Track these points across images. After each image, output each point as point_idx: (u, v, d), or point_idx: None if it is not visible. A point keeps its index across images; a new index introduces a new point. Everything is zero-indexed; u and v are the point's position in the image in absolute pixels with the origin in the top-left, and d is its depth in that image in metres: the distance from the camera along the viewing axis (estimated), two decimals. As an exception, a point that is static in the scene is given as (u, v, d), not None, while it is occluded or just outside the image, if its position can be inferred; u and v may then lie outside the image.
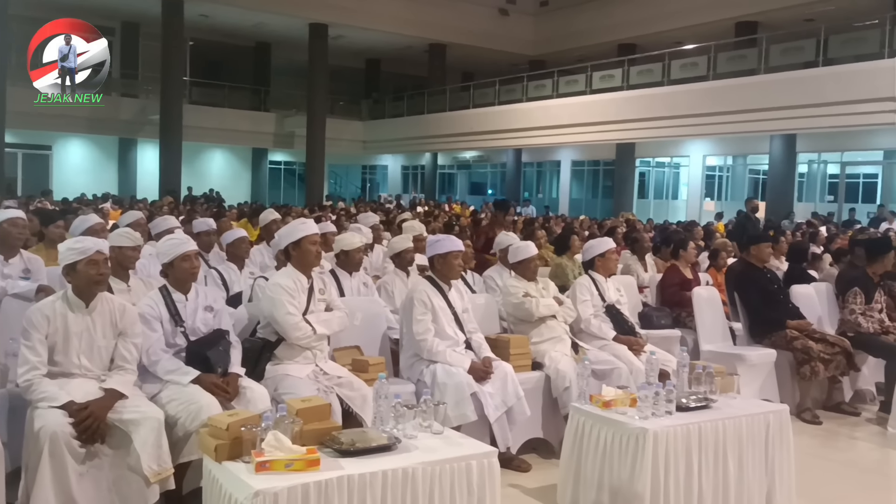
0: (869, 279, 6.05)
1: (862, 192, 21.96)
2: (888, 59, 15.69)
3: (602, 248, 5.40)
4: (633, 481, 3.51)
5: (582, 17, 26.10)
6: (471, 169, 33.28)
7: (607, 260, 5.38)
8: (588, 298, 5.23)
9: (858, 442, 5.39)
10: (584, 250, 5.52)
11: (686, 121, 19.73)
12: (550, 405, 4.71)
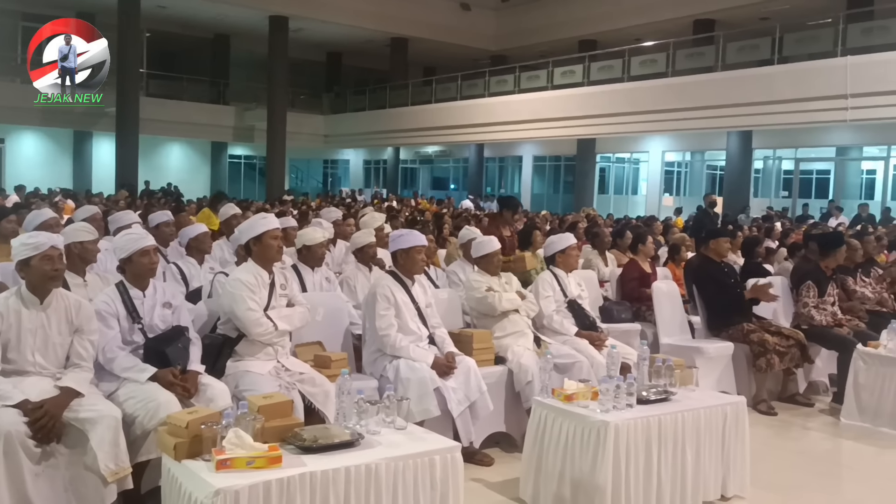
0: (822, 273, 6.19)
1: (815, 187, 22.48)
2: (840, 58, 16.05)
3: (563, 244, 5.43)
4: (595, 473, 3.55)
5: (543, 13, 26.22)
6: (433, 164, 33.27)
7: (568, 256, 5.43)
8: (550, 294, 5.27)
9: (811, 432, 5.53)
10: (545, 246, 5.56)
11: (645, 117, 19.97)
12: (513, 399, 4.74)
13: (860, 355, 5.48)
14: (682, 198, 23.27)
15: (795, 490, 4.37)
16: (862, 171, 22.18)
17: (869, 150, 20.75)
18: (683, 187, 24.16)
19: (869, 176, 21.87)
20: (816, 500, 4.27)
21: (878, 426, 5.34)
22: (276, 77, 25.75)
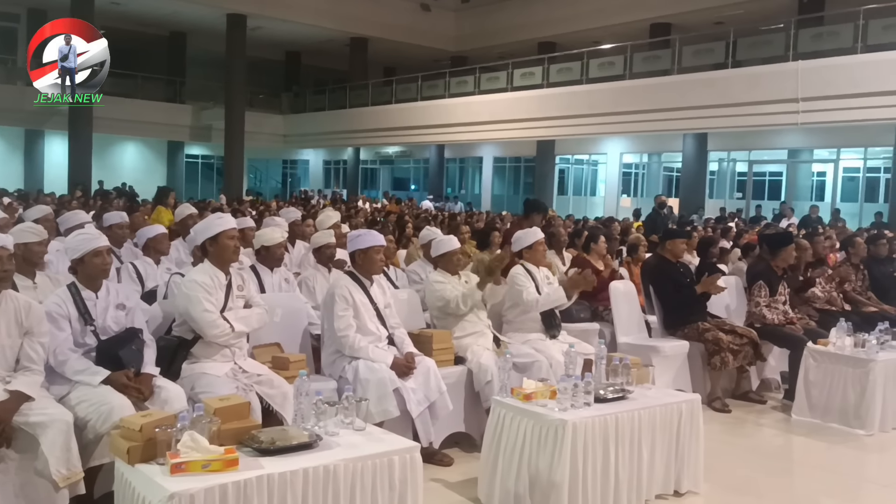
0: (773, 273, 6.33)
1: (768, 189, 22.98)
2: (791, 62, 16.44)
3: (531, 239, 5.45)
4: (552, 471, 3.58)
5: (503, 15, 26.36)
6: (394, 164, 33.21)
7: (535, 251, 5.45)
8: (529, 285, 5.27)
9: (764, 428, 5.64)
10: (513, 241, 5.57)
11: (603, 119, 20.20)
12: (472, 399, 4.75)
13: (810, 353, 5.62)
14: (640, 199, 23.60)
15: (747, 485, 4.46)
16: (813, 174, 22.74)
17: (819, 152, 21.30)
18: (641, 188, 24.50)
19: (819, 178, 22.42)
20: (768, 495, 4.35)
21: (828, 422, 5.48)
22: (234, 76, 25.45)
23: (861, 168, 20.37)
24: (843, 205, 19.58)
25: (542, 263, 5.58)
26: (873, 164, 20.07)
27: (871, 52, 15.47)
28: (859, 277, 7.42)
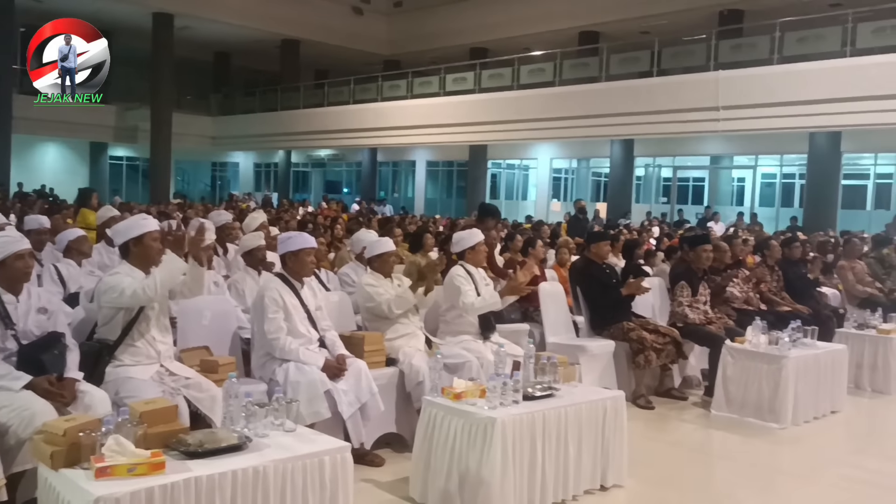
0: (694, 274, 6.58)
1: (691, 194, 23.75)
2: (713, 72, 17.06)
3: (472, 240, 5.50)
4: (482, 469, 3.65)
5: (435, 20, 26.51)
6: (326, 167, 32.97)
7: (477, 252, 5.52)
8: (470, 288, 5.32)
9: (685, 424, 5.85)
10: (454, 242, 5.62)
11: (534, 124, 20.53)
12: (404, 400, 4.79)
13: (728, 350, 5.85)
14: (569, 203, 24.05)
15: (670, 479, 4.62)
16: (733, 179, 23.61)
17: (739, 159, 22.11)
18: (570, 193, 24.97)
19: (739, 183, 23.29)
20: (689, 488, 4.52)
21: (745, 416, 5.71)
22: (161, 76, 24.86)
23: (777, 174, 21.24)
24: (760, 209, 20.40)
25: (482, 264, 5.66)
26: (789, 170, 20.95)
27: (787, 64, 16.19)
28: (774, 278, 7.76)
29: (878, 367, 6.77)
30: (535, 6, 23.05)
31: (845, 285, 8.94)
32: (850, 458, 5.24)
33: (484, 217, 7.68)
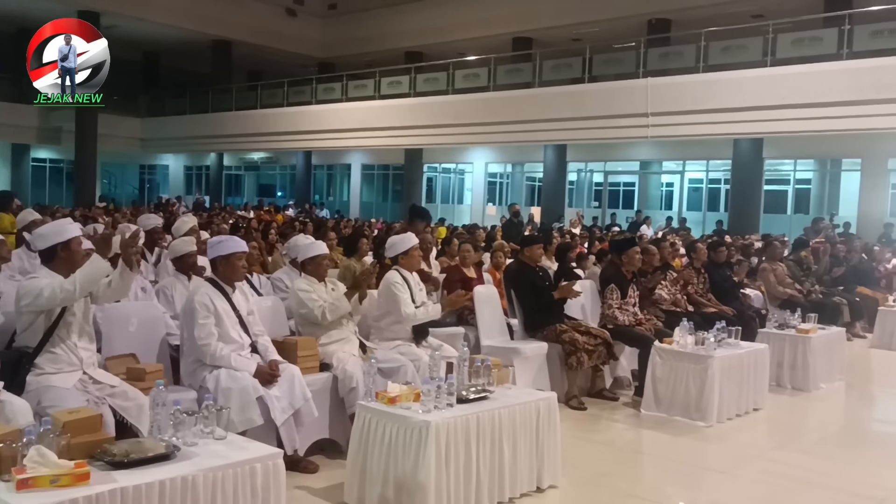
0: (623, 276, 6.73)
1: (622, 198, 24.29)
2: (642, 79, 17.49)
3: (407, 244, 5.50)
4: (417, 473, 3.64)
5: (370, 23, 26.46)
6: (259, 170, 32.50)
7: (412, 257, 5.51)
8: (407, 295, 5.30)
9: (616, 423, 5.97)
10: (388, 247, 5.60)
11: (468, 129, 20.68)
12: (338, 406, 4.75)
13: (657, 351, 6.00)
14: (504, 207, 24.29)
15: (602, 477, 4.71)
16: (662, 184, 24.24)
17: (667, 164, 22.73)
18: (505, 197, 25.23)
19: (668, 188, 23.94)
20: (621, 485, 4.61)
21: (673, 415, 5.86)
22: (86, 75, 24.06)
23: (704, 179, 21.91)
24: (688, 213, 21.01)
25: (417, 268, 5.65)
26: (714, 175, 21.63)
27: (712, 72, 16.74)
28: (701, 281, 8.00)
29: (797, 365, 7.04)
30: (470, 12, 23.25)
31: (767, 287, 9.28)
32: (771, 453, 5.44)
33: (414, 219, 7.67)
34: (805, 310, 7.74)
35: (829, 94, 14.74)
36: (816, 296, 9.52)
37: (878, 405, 7.51)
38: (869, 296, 10.36)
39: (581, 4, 20.92)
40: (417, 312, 5.21)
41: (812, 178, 20.94)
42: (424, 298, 5.49)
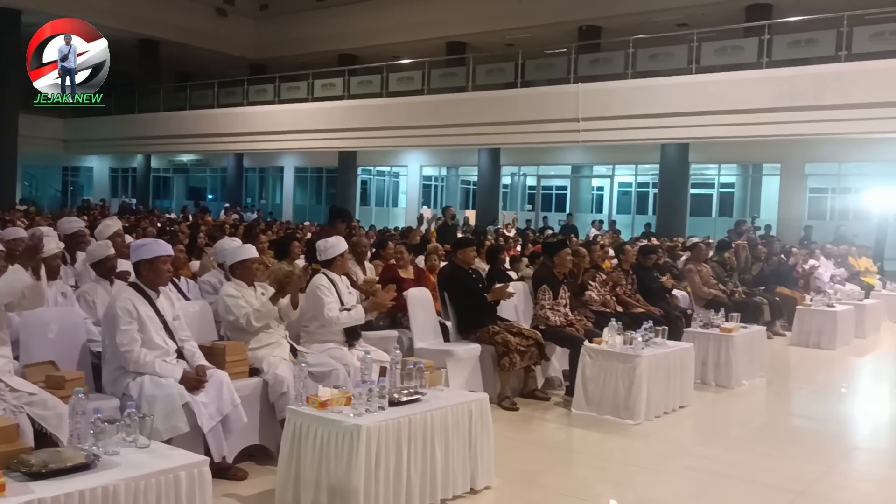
0: (555, 278, 6.83)
1: (555, 202, 24.65)
2: (573, 85, 17.81)
3: (339, 248, 5.46)
4: (349, 477, 3.62)
5: (303, 25, 26.20)
6: (189, 173, 31.78)
7: (345, 260, 5.48)
8: (332, 299, 5.25)
9: (548, 423, 6.05)
10: (320, 251, 5.55)
11: (403, 132, 20.69)
12: (268, 411, 4.68)
13: (586, 351, 6.11)
14: (440, 210, 24.35)
15: (535, 477, 4.76)
16: (593, 188, 24.71)
17: (598, 168, 23.17)
18: (440, 200, 25.31)
19: (598, 192, 24.41)
20: (552, 484, 4.68)
21: (602, 414, 5.97)
22: (7, 74, 23.12)
23: (633, 183, 22.42)
24: (618, 216, 21.47)
25: (347, 271, 5.62)
26: (643, 179, 22.16)
27: (640, 79, 17.16)
28: (629, 282, 8.19)
29: (721, 363, 7.27)
30: (404, 15, 23.26)
31: (692, 287, 9.55)
32: (696, 449, 5.60)
33: (335, 220, 7.61)
34: (728, 309, 8.00)
35: (750, 101, 15.30)
36: (739, 296, 9.85)
37: (796, 401, 7.81)
38: (788, 295, 10.78)
39: (513, 10, 21.16)
40: (341, 316, 5.18)
41: (735, 183, 21.66)
42: (354, 302, 5.46)
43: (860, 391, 8.36)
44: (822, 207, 18.89)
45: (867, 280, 13.12)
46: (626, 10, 19.47)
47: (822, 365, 9.08)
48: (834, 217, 18.37)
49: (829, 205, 18.91)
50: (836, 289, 11.26)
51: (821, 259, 12.90)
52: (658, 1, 18.97)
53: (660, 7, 19.08)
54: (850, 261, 13.68)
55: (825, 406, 7.38)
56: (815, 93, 14.75)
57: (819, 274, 12.28)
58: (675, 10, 19.11)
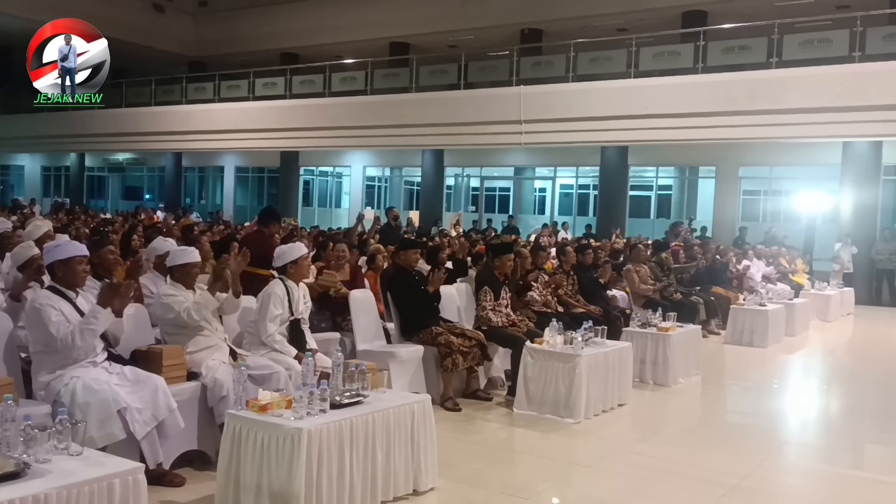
0: (496, 279, 6.89)
1: (498, 203, 24.83)
2: (515, 87, 17.98)
3: (296, 253, 5.37)
4: (290, 481, 3.58)
5: (244, 23, 25.79)
6: (125, 172, 30.98)
7: (301, 266, 5.39)
8: (280, 313, 5.16)
9: (490, 423, 6.09)
10: (276, 256, 5.46)
11: (346, 132, 20.57)
12: (207, 415, 4.60)
13: (528, 351, 6.17)
14: (383, 211, 24.28)
15: (477, 477, 4.80)
16: (535, 189, 24.97)
17: (540, 170, 23.43)
18: (384, 201, 25.24)
19: (541, 193, 24.69)
20: (495, 483, 4.71)
21: (543, 413, 6.04)
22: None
23: (574, 185, 22.74)
24: (560, 217, 21.75)
25: (305, 277, 5.54)
26: (584, 181, 22.50)
27: (581, 82, 17.43)
28: (570, 282, 8.31)
29: (658, 361, 7.44)
30: (348, 15, 23.11)
31: (631, 287, 9.75)
32: (634, 445, 5.72)
33: (267, 221, 7.52)
34: (665, 309, 8.19)
35: (686, 105, 15.69)
36: (676, 295, 10.09)
37: (730, 398, 8.04)
38: (722, 295, 11.09)
39: (457, 12, 21.24)
40: (276, 336, 5.12)
41: (672, 185, 22.17)
42: (307, 314, 5.41)
43: (790, 387, 8.65)
44: (755, 209, 19.48)
45: (797, 280, 13.60)
46: (567, 14, 19.73)
47: (755, 362, 9.36)
48: (766, 219, 18.95)
49: (761, 207, 19.50)
50: (767, 288, 11.63)
51: (753, 259, 13.31)
52: (598, 6, 19.29)
53: (600, 12, 19.40)
54: (782, 262, 14.14)
55: (758, 402, 7.62)
56: (748, 98, 15.21)
57: (751, 274, 12.67)
58: (614, 16, 19.46)
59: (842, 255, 15.72)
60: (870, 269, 15.95)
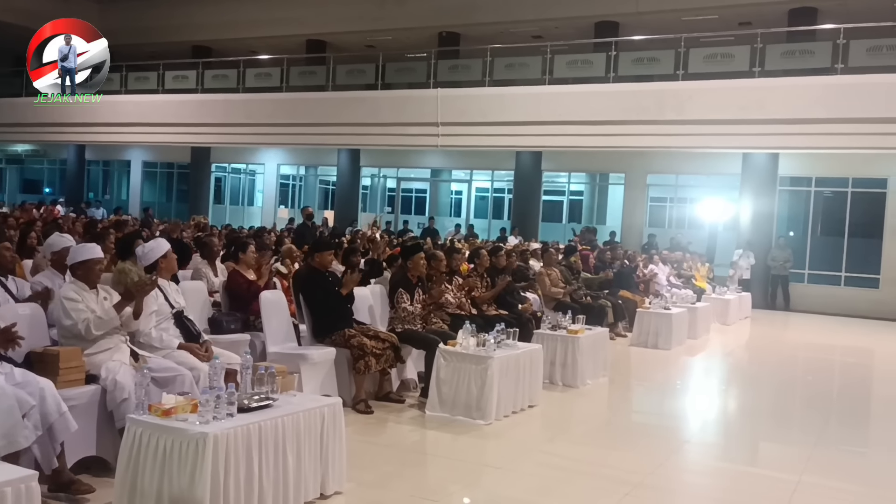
0: (409, 281, 6.89)
1: (415, 204, 24.87)
2: (433, 90, 18.05)
3: (162, 249, 5.25)
4: (194, 488, 3.48)
5: (154, 13, 24.91)
6: (24, 164, 29.49)
7: (169, 261, 5.25)
8: (154, 310, 5.00)
9: (402, 426, 6.07)
10: (143, 255, 5.28)
11: (260, 129, 20.21)
12: (107, 419, 4.41)
13: (441, 353, 6.19)
14: (297, 210, 23.94)
15: (387, 480, 4.78)
16: (452, 192, 25.13)
17: (456, 173, 23.60)
18: (298, 200, 24.88)
19: (457, 196, 24.85)
20: (405, 486, 4.70)
21: (455, 415, 6.07)
22: None
23: (490, 188, 23.00)
24: (475, 220, 21.96)
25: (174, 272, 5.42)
26: (499, 185, 22.78)
27: (497, 87, 17.65)
28: (483, 285, 8.38)
29: (567, 363, 7.59)
30: (263, 10, 22.65)
31: (543, 290, 9.93)
32: (544, 446, 5.83)
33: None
34: (575, 312, 8.37)
35: (597, 113, 16.11)
36: (585, 298, 10.34)
37: (636, 398, 8.30)
38: (629, 298, 11.43)
39: (375, 12, 21.14)
40: (153, 333, 4.96)
41: (584, 190, 22.71)
42: (183, 304, 5.26)
43: (692, 388, 9.00)
44: (662, 216, 20.15)
45: (699, 284, 14.16)
46: (485, 19, 19.94)
47: (659, 364, 9.69)
48: (672, 225, 19.64)
49: (667, 213, 20.19)
50: (672, 292, 12.05)
51: (659, 264, 13.77)
52: (515, 12, 19.56)
53: (516, 18, 19.68)
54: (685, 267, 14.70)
55: (661, 402, 7.89)
56: (657, 108, 15.74)
57: (657, 278, 13.11)
58: (530, 23, 19.78)
59: (740, 263, 16.48)
60: (765, 275, 16.77)
